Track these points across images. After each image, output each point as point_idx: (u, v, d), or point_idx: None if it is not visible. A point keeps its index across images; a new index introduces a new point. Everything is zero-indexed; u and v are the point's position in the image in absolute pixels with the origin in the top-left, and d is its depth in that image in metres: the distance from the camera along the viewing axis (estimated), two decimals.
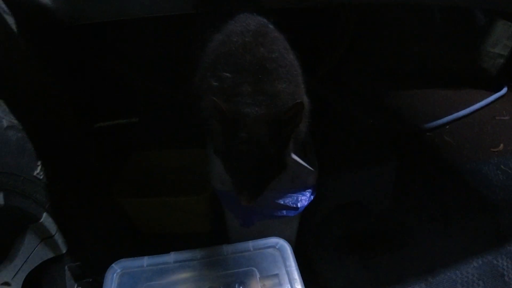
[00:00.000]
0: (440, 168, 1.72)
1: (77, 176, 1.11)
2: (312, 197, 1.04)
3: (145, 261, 0.89)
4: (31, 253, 0.91)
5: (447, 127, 1.94)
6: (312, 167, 1.01)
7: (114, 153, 1.53)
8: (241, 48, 0.84)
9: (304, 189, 1.03)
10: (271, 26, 0.94)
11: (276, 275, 0.83)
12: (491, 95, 2.25)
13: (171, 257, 0.89)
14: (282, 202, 1.03)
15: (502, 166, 1.77)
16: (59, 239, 0.98)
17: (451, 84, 2.26)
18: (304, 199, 1.02)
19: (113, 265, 0.89)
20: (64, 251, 0.99)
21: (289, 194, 1.03)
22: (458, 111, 2.02)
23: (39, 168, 0.90)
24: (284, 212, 1.03)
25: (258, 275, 0.83)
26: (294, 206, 1.02)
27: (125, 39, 1.47)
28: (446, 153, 1.79)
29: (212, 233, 1.43)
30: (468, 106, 2.08)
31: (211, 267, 0.86)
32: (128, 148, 1.54)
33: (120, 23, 1.12)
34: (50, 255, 0.97)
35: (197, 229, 1.41)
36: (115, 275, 0.87)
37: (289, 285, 0.81)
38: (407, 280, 1.28)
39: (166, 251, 0.97)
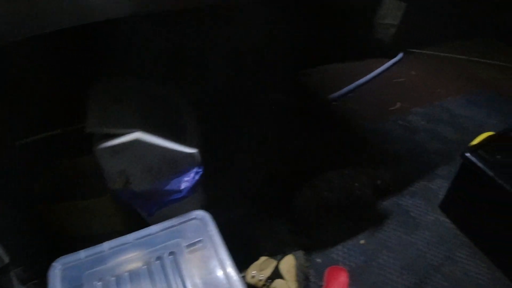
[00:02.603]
0: (347, 131, 1.95)
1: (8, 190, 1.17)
2: (197, 176, 1.16)
3: (82, 253, 0.98)
4: None
5: (350, 95, 2.18)
6: (193, 149, 1.14)
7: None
8: None
9: (188, 171, 1.16)
10: None
11: (200, 241, 0.97)
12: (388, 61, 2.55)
13: (105, 246, 0.99)
14: (169, 188, 1.15)
15: (399, 122, 2.04)
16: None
17: (352, 57, 2.52)
18: (187, 180, 1.15)
19: (53, 263, 0.97)
20: (7, 261, 1.05)
21: (174, 179, 1.15)
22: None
23: None
24: (173, 196, 1.16)
25: (184, 244, 0.97)
26: (179, 189, 1.15)
27: None
28: (351, 117, 2.03)
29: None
30: (368, 74, 2.34)
31: (143, 246, 0.97)
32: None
33: None
34: None
35: (114, 228, 1.42)
36: (57, 271, 0.95)
37: (212, 247, 0.96)
38: (329, 225, 1.49)
39: None
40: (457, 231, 1.53)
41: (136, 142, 1.08)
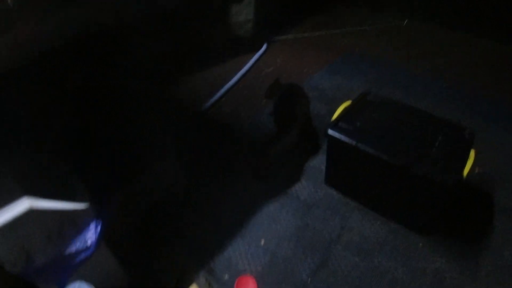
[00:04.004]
0: (225, 135, 1.96)
1: None
2: (99, 226, 1.11)
3: None
4: None
5: (223, 99, 2.19)
6: (79, 203, 1.08)
7: None
8: None
9: (88, 226, 1.10)
10: None
11: None
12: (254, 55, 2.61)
13: None
14: (75, 249, 1.08)
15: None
16: None
17: (222, 60, 2.54)
18: (91, 234, 1.09)
19: None
20: None
21: (77, 239, 1.08)
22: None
23: None
24: (82, 255, 1.09)
25: None
26: (85, 247, 1.08)
27: None
28: (226, 121, 2.04)
29: None
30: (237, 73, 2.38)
31: None
32: None
33: None
34: None
35: None
36: None
37: None
38: (227, 234, 1.49)
39: None
40: (345, 199, 1.63)
41: (29, 212, 0.97)
